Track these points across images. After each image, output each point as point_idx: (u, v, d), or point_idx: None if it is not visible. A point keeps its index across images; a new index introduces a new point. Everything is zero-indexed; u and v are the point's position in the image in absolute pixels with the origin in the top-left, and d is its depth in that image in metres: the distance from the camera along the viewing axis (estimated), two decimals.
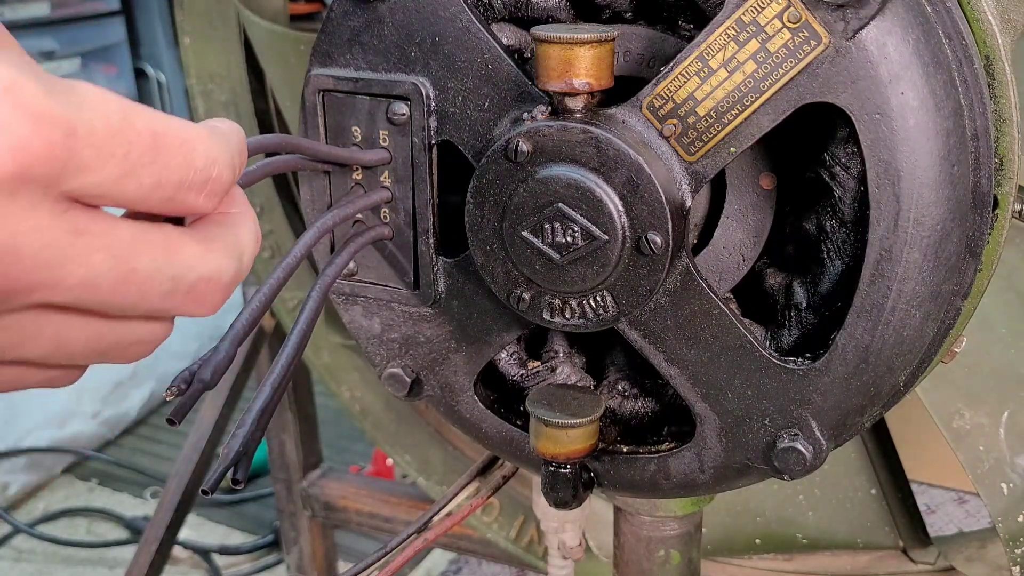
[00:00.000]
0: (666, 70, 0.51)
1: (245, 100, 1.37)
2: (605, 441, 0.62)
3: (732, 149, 0.51)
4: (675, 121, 0.51)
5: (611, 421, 0.63)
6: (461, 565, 2.14)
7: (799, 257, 0.57)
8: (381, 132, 0.57)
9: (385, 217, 0.60)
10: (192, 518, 2.16)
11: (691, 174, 0.52)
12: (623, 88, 0.53)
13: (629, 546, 0.75)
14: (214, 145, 0.37)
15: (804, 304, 0.54)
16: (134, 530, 2.31)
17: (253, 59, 1.35)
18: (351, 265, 0.62)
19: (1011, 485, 0.91)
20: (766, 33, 0.48)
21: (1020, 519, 0.92)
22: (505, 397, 0.66)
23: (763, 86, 0.49)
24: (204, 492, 0.46)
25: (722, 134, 0.50)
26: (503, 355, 0.64)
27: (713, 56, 0.49)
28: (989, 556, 1.13)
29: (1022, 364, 0.91)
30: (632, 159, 0.50)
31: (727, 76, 0.49)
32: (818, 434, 0.54)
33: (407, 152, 0.57)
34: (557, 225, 0.52)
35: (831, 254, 0.53)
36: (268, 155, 0.52)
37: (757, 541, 1.21)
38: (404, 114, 0.56)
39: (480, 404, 0.64)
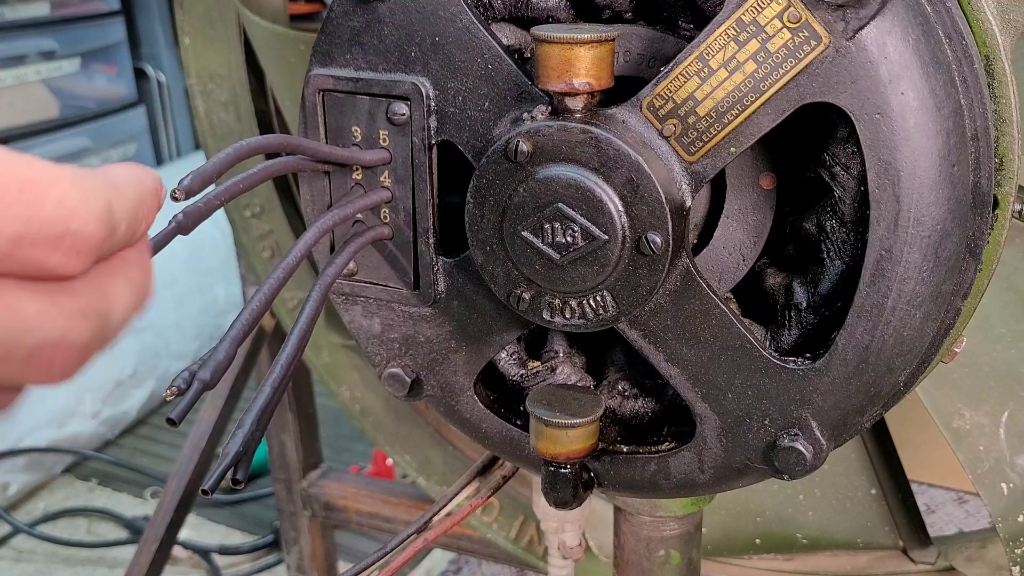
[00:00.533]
0: (666, 70, 0.51)
1: (245, 100, 1.37)
2: (605, 441, 0.62)
3: (732, 149, 0.51)
4: (675, 121, 0.51)
5: (611, 421, 0.63)
6: (461, 565, 2.14)
7: (799, 257, 0.57)
8: (381, 132, 0.58)
9: (385, 217, 0.60)
10: (192, 518, 2.16)
11: (691, 174, 0.52)
12: (623, 88, 0.53)
13: (629, 546, 0.75)
14: (76, 194, 0.31)
15: (804, 304, 0.54)
16: (134, 530, 2.31)
17: (253, 59, 1.35)
18: (351, 265, 0.62)
19: (1011, 485, 0.91)
20: (766, 33, 0.48)
21: (1020, 519, 0.92)
22: (505, 397, 0.66)
23: (763, 86, 0.49)
24: (204, 492, 0.46)
25: (722, 134, 0.50)
26: (503, 355, 0.64)
27: (713, 56, 0.49)
28: (989, 556, 1.13)
29: (1022, 364, 0.91)
30: (632, 159, 0.50)
31: (727, 76, 0.49)
32: (818, 434, 0.54)
33: (407, 152, 0.57)
34: (557, 225, 0.52)
35: (831, 254, 0.53)
36: (268, 156, 0.52)
37: (757, 541, 1.21)
38: (404, 114, 0.56)
39: (480, 404, 0.64)
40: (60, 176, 0.31)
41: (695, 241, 0.61)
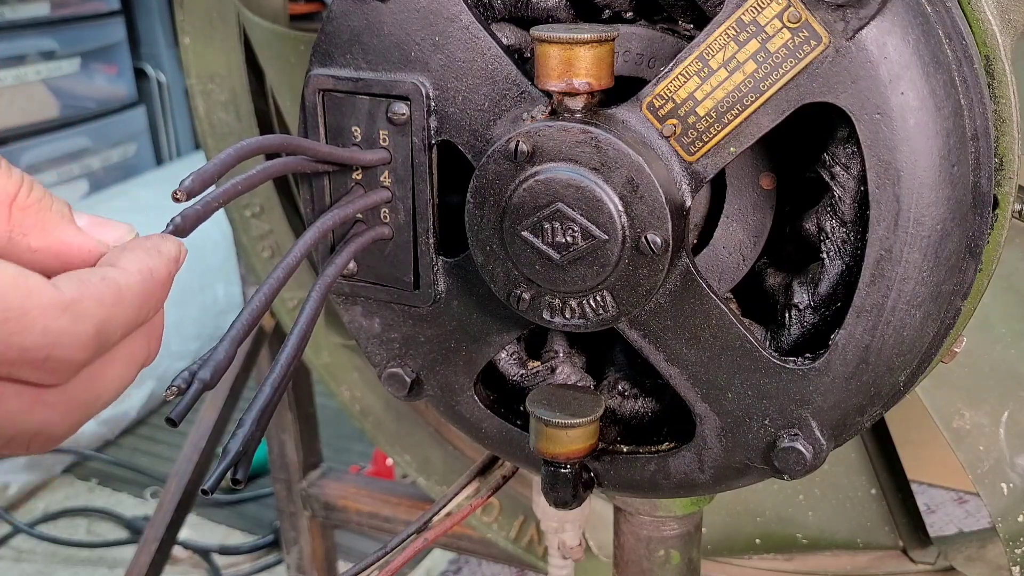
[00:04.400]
0: (666, 70, 0.51)
1: (245, 100, 1.37)
2: (605, 441, 0.62)
3: (732, 149, 0.51)
4: (675, 121, 0.51)
5: (611, 421, 0.63)
6: (461, 565, 2.14)
7: (799, 257, 0.57)
8: (381, 132, 0.58)
9: (385, 217, 0.60)
10: (192, 518, 2.16)
11: (691, 174, 0.52)
12: (623, 88, 0.53)
13: (629, 546, 0.75)
14: (63, 323, 0.34)
15: (804, 304, 0.54)
16: (134, 530, 2.31)
17: (253, 59, 1.35)
18: (351, 265, 0.62)
19: (1011, 485, 0.91)
20: (766, 33, 0.48)
21: (1020, 519, 0.92)
22: (505, 397, 0.66)
23: (763, 86, 0.49)
24: (204, 492, 0.46)
25: (722, 134, 0.50)
26: (503, 355, 0.64)
27: (713, 56, 0.49)
28: (989, 556, 1.13)
29: (1022, 364, 0.91)
30: (632, 159, 0.50)
31: (727, 76, 0.49)
32: (818, 434, 0.54)
33: (407, 152, 0.57)
34: (557, 225, 0.52)
35: (831, 254, 0.53)
36: (269, 156, 0.52)
37: (757, 541, 1.21)
38: (404, 114, 0.56)
39: (480, 404, 0.64)
40: (51, 304, 0.33)
41: (695, 241, 0.61)
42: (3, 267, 0.33)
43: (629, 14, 0.57)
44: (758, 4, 0.48)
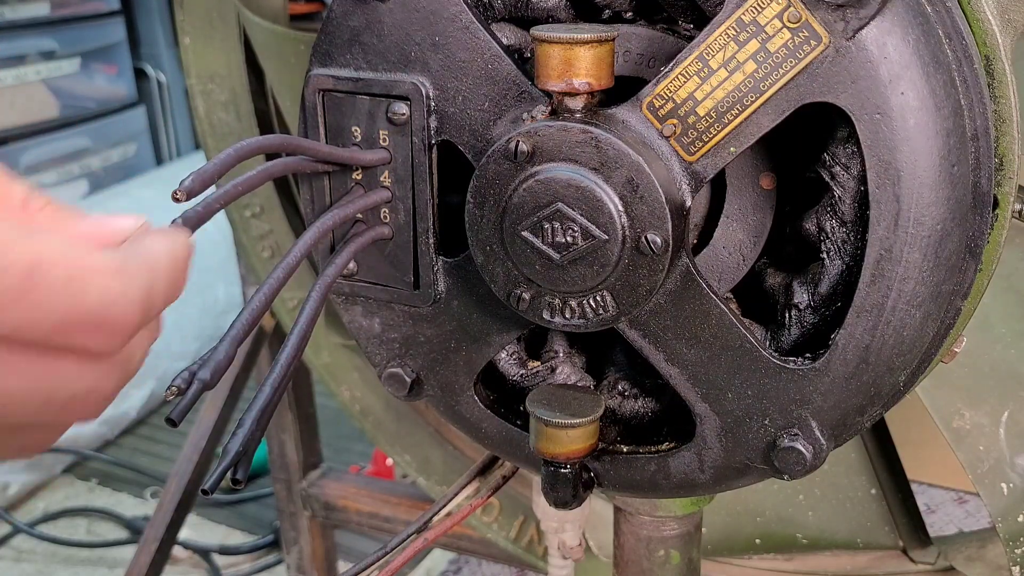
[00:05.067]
0: (666, 70, 0.51)
1: (245, 100, 1.37)
2: (605, 441, 0.62)
3: (732, 149, 0.51)
4: (675, 121, 0.51)
5: (611, 421, 0.63)
6: (461, 565, 2.14)
7: (799, 257, 0.57)
8: (381, 132, 0.58)
9: (385, 217, 0.60)
10: (192, 518, 2.16)
11: (691, 174, 0.52)
12: (623, 88, 0.53)
13: (629, 546, 0.75)
14: (118, 285, 0.35)
15: (804, 304, 0.54)
16: (134, 530, 2.31)
17: (253, 59, 1.35)
18: (351, 265, 0.62)
19: (1011, 485, 0.91)
20: (766, 33, 0.48)
21: (1020, 519, 0.92)
22: (505, 397, 0.66)
23: (763, 86, 0.49)
24: (204, 492, 0.46)
25: (722, 134, 0.50)
26: (503, 355, 0.64)
27: (713, 56, 0.49)
28: (989, 556, 1.13)
29: (1022, 364, 0.91)
30: (632, 159, 0.50)
31: (727, 76, 0.49)
32: (818, 434, 0.54)
33: (407, 152, 0.57)
34: (557, 225, 0.52)
35: (831, 254, 0.53)
36: (269, 156, 0.52)
37: (757, 541, 1.21)
38: (404, 114, 0.56)
39: (480, 404, 0.64)
40: (106, 267, 0.35)
41: (695, 241, 0.61)
42: (52, 236, 0.34)
43: (629, 14, 0.57)
44: (758, 4, 0.48)
